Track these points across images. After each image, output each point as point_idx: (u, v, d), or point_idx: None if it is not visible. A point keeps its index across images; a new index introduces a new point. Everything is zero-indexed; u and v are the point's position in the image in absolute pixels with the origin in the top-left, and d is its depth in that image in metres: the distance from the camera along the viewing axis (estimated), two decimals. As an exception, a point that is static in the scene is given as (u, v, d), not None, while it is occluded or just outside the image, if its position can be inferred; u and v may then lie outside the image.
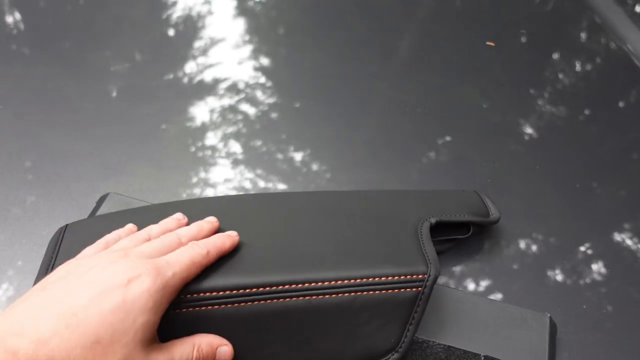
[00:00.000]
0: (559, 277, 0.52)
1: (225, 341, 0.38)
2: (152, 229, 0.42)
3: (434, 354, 0.44)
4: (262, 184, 0.56)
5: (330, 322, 0.40)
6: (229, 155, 0.59)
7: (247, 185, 0.56)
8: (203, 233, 0.41)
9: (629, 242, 0.55)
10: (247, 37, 0.73)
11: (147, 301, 0.33)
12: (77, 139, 0.58)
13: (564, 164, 0.62)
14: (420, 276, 0.41)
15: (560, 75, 0.74)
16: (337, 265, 0.41)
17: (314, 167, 0.59)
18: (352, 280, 0.40)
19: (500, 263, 0.53)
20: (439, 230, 0.50)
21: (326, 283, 0.40)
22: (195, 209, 0.46)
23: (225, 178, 0.56)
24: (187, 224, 0.43)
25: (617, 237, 0.55)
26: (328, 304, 0.40)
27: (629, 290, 0.51)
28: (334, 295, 0.40)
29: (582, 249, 0.54)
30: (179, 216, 0.44)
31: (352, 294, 0.40)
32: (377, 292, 0.40)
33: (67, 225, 0.45)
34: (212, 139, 0.60)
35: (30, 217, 0.50)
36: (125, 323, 0.32)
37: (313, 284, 0.39)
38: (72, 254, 0.42)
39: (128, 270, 0.34)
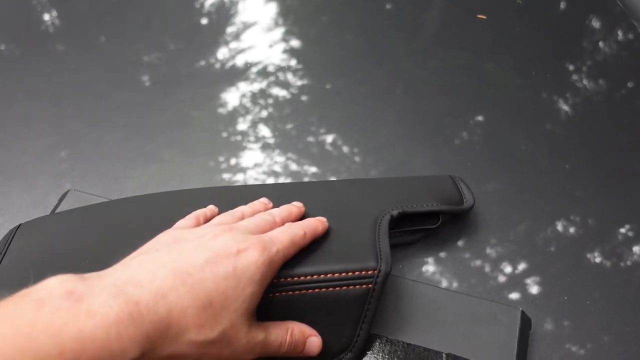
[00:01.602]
0: (538, 269, 0.49)
1: (315, 332, 0.39)
2: (243, 209, 0.43)
3: (392, 352, 0.41)
4: (293, 167, 0.57)
5: (275, 320, 0.39)
6: (259, 139, 0.59)
7: (278, 169, 0.56)
8: (293, 216, 0.43)
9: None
10: (279, 20, 0.73)
11: (254, 273, 0.34)
12: (110, 129, 0.60)
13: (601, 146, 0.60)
14: (370, 272, 0.39)
15: (601, 44, 0.71)
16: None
17: (345, 149, 0.59)
18: (296, 278, 0.39)
19: (476, 254, 0.50)
20: (408, 220, 0.48)
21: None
22: (142, 205, 0.46)
23: (255, 163, 0.57)
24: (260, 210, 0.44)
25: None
26: (271, 303, 0.38)
27: (615, 281, 0.48)
28: (277, 294, 0.39)
29: (582, 238, 0.52)
30: (265, 200, 0.45)
31: (297, 292, 0.39)
32: (323, 289, 0.39)
33: (20, 224, 0.45)
34: (242, 124, 0.61)
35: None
36: (235, 291, 0.33)
37: None
38: (22, 252, 0.42)
39: (237, 243, 0.35)
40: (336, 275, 0.39)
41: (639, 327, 0.45)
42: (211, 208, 0.44)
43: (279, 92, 0.64)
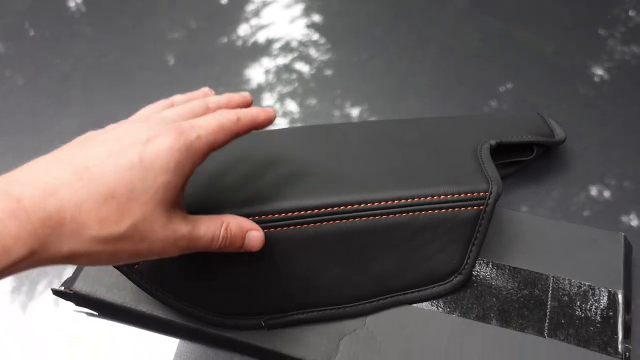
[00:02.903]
0: (633, 201, 0.50)
1: (257, 226, 0.36)
2: (176, 97, 0.39)
3: (499, 275, 0.42)
4: (319, 141, 0.56)
5: (389, 243, 0.40)
6: (285, 114, 0.59)
7: (305, 142, 0.56)
8: (233, 104, 0.38)
9: None
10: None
11: (167, 160, 0.31)
12: (139, 108, 0.60)
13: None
14: (481, 194, 0.40)
15: (632, 13, 0.69)
16: (394, 185, 0.40)
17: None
18: (410, 200, 0.39)
19: (569, 186, 0.51)
20: (501, 153, 0.48)
21: (383, 203, 0.39)
22: (241, 141, 0.45)
23: (282, 136, 0.57)
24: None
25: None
26: (386, 225, 0.39)
27: None
28: (391, 216, 0.39)
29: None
30: (206, 89, 0.41)
31: (411, 213, 0.39)
32: (437, 211, 0.39)
33: None
34: (268, 99, 0.61)
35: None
36: (144, 182, 0.30)
37: (370, 204, 0.39)
38: None
39: (148, 130, 0.32)
40: (449, 197, 0.40)
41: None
42: None
43: (303, 67, 0.64)
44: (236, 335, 0.40)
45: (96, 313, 0.44)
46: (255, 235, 0.36)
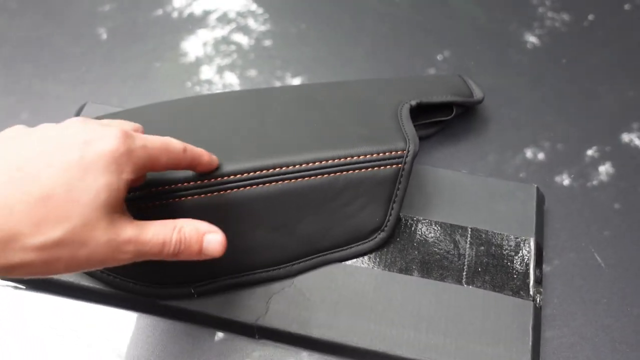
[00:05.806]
0: (565, 162, 0.52)
1: (216, 229, 0.33)
2: None
3: (421, 229, 0.44)
4: (261, 113, 0.56)
5: (312, 205, 0.41)
6: (225, 87, 0.58)
7: (246, 114, 0.55)
8: None
9: (637, 142, 0.54)
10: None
11: (109, 162, 0.29)
12: (71, 85, 0.57)
13: (569, 71, 0.60)
14: (399, 152, 0.41)
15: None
16: (315, 147, 0.41)
17: (313, 92, 0.58)
18: (331, 161, 0.40)
19: (489, 143, 0.53)
20: (422, 114, 0.50)
21: (304, 165, 0.40)
22: (168, 109, 0.46)
23: (223, 109, 0.56)
24: None
25: (626, 137, 0.54)
26: (308, 187, 0.40)
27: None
28: (312, 177, 0.40)
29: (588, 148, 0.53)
30: None
31: (331, 174, 0.40)
32: (356, 171, 0.41)
33: None
34: (207, 72, 0.59)
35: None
36: (84, 182, 0.28)
37: (290, 167, 0.39)
38: None
39: (89, 131, 0.30)
40: (368, 156, 0.41)
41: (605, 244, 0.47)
42: None
43: (242, 38, 0.62)
44: (165, 301, 0.41)
45: (23, 286, 0.43)
46: (215, 239, 0.33)
